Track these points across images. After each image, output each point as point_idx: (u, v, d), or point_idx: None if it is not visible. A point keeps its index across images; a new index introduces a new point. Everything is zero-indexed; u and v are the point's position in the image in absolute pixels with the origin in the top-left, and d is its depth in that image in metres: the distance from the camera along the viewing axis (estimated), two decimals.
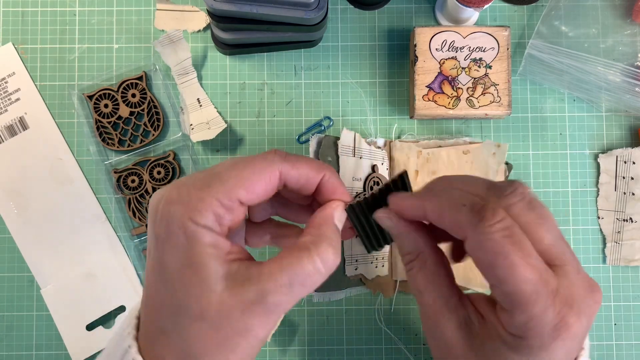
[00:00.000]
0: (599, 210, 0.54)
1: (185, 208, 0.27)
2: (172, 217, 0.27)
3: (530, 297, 0.25)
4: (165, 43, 0.52)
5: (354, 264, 0.51)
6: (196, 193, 0.28)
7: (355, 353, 0.53)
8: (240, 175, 0.29)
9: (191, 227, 0.27)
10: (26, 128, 0.53)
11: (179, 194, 0.28)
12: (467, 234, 0.27)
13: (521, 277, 0.26)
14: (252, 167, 0.29)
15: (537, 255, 0.27)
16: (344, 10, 0.55)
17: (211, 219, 0.27)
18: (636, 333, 0.53)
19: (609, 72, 0.51)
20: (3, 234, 0.53)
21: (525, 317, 0.26)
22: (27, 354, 0.52)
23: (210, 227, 0.27)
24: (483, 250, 0.26)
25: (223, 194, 0.28)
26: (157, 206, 0.28)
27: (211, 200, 0.28)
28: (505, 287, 0.26)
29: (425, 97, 0.51)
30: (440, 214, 0.29)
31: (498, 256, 0.26)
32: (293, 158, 0.30)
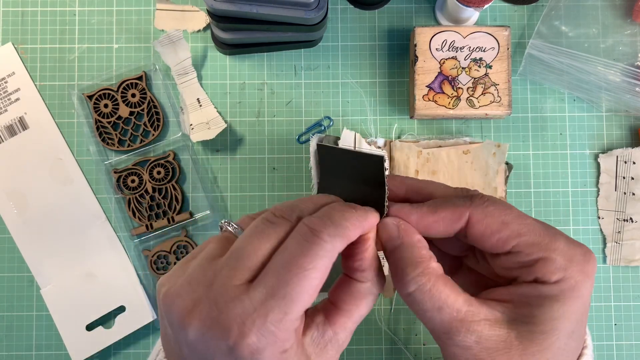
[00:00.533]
0: (599, 210, 0.54)
1: (274, 345, 0.25)
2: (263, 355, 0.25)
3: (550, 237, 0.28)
4: (165, 43, 0.52)
5: None
6: (277, 328, 0.25)
7: (355, 353, 0.52)
8: (311, 288, 0.25)
9: (285, 356, 0.26)
10: (26, 128, 0.53)
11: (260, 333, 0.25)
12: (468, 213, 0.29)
13: (532, 224, 0.28)
14: (318, 271, 0.26)
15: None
16: (344, 10, 0.55)
17: (294, 336, 0.26)
18: (636, 333, 0.53)
19: (609, 72, 0.51)
20: (3, 234, 0.53)
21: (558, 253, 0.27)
22: (27, 354, 0.52)
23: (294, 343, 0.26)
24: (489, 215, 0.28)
25: (299, 311, 0.25)
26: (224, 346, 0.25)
27: (293, 324, 0.25)
28: (526, 237, 0.28)
29: (426, 97, 0.51)
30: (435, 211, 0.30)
31: (506, 213, 0.28)
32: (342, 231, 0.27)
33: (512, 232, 0.28)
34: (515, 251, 0.28)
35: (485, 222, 0.28)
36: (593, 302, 0.53)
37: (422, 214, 0.29)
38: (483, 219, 0.28)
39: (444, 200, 0.30)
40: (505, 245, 0.28)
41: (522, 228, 0.28)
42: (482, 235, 0.28)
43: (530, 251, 0.27)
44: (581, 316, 0.28)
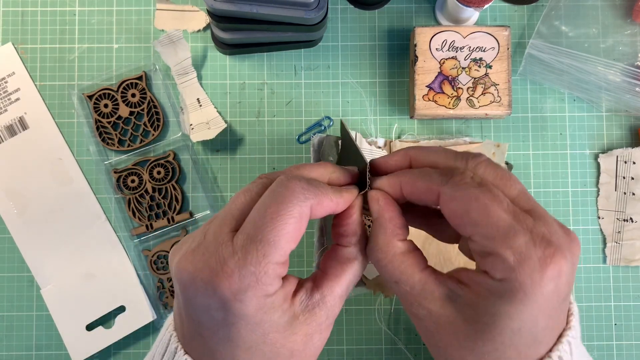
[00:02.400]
0: (599, 210, 0.54)
1: (255, 289, 0.27)
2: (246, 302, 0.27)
3: (509, 232, 0.26)
4: (165, 43, 0.52)
5: None
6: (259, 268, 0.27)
7: (355, 353, 0.52)
8: (288, 231, 0.28)
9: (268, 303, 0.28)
10: (26, 128, 0.53)
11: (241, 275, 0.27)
12: (440, 192, 0.29)
13: (495, 215, 0.27)
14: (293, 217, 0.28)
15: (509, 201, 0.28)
16: (344, 10, 0.55)
17: (277, 281, 0.28)
18: (636, 333, 0.53)
19: (609, 72, 0.51)
20: (3, 234, 0.53)
21: (509, 252, 0.26)
22: (27, 354, 0.52)
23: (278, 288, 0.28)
24: (455, 199, 0.28)
25: (280, 256, 0.28)
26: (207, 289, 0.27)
27: (274, 268, 0.28)
28: (482, 229, 0.27)
29: (426, 97, 0.51)
30: (414, 183, 0.30)
31: (470, 200, 0.27)
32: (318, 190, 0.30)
33: (469, 221, 0.28)
34: (471, 240, 0.28)
35: (449, 205, 0.28)
36: (593, 302, 0.53)
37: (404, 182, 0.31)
38: (448, 202, 0.28)
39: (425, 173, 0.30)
40: (463, 231, 0.28)
41: (481, 219, 0.27)
42: (447, 216, 0.29)
43: (483, 244, 0.27)
44: (532, 317, 0.27)
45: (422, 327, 0.30)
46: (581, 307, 0.53)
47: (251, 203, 0.30)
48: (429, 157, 0.32)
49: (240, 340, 0.28)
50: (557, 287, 0.27)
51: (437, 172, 0.30)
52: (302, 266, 0.53)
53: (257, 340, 0.28)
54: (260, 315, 0.28)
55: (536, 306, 0.26)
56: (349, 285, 0.31)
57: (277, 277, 0.28)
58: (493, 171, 0.30)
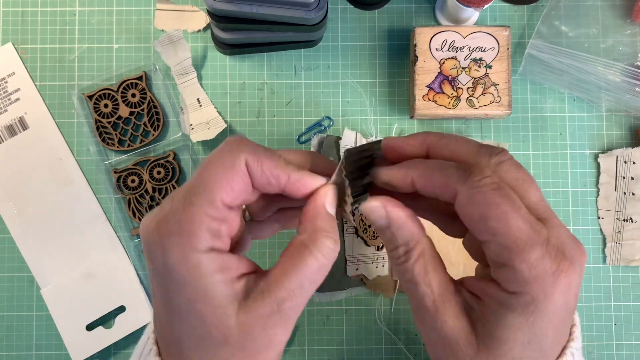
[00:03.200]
0: (599, 210, 0.54)
1: (179, 236, 0.26)
2: (168, 249, 0.26)
3: (526, 244, 0.25)
4: (165, 43, 0.52)
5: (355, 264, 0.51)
6: (184, 215, 0.26)
7: (355, 353, 0.52)
8: (215, 179, 0.27)
9: (192, 258, 0.26)
10: (26, 128, 0.53)
11: (167, 221, 0.26)
12: (456, 191, 0.27)
13: (515, 226, 0.26)
14: (220, 164, 0.28)
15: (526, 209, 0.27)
16: (344, 10, 0.55)
17: (209, 237, 0.26)
18: (636, 333, 0.53)
19: (609, 72, 0.51)
20: (3, 234, 0.53)
21: (525, 266, 0.25)
22: (27, 354, 0.52)
23: (212, 247, 0.27)
24: (474, 203, 0.27)
25: (208, 206, 0.26)
26: (149, 237, 0.27)
27: (201, 217, 0.26)
28: (500, 238, 0.26)
29: (426, 97, 0.51)
30: (429, 177, 0.29)
31: (490, 207, 0.26)
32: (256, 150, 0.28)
33: (487, 229, 0.26)
34: (486, 247, 0.27)
35: (467, 208, 0.27)
36: (593, 302, 0.53)
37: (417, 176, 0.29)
38: (466, 205, 0.27)
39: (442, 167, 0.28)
40: (480, 236, 0.27)
41: (499, 228, 0.26)
42: (462, 217, 0.28)
43: (499, 253, 0.26)
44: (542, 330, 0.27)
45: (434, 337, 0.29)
46: (581, 307, 0.53)
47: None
48: (450, 147, 0.30)
49: (170, 301, 0.27)
50: (567, 301, 0.26)
51: (455, 166, 0.28)
52: None
53: (184, 307, 0.27)
54: (184, 271, 0.26)
55: (547, 319, 0.26)
56: (303, 278, 0.27)
57: (206, 230, 0.26)
58: (515, 172, 0.28)
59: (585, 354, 0.53)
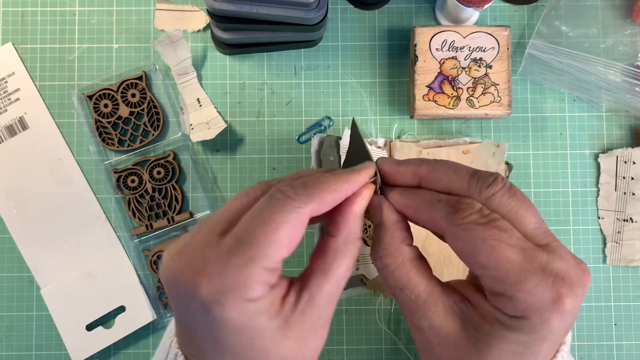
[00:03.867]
0: (599, 210, 0.54)
1: (235, 292, 0.25)
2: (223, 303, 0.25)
3: (519, 276, 0.26)
4: (165, 43, 0.52)
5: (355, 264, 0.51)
6: (240, 271, 0.25)
7: (355, 353, 0.52)
8: (280, 238, 0.26)
9: (249, 307, 0.26)
10: (26, 128, 0.53)
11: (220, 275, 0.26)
12: (444, 228, 0.28)
13: (505, 258, 0.26)
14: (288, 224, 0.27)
15: (520, 235, 0.27)
16: (344, 10, 0.55)
17: (263, 288, 0.26)
18: (636, 333, 0.53)
19: (609, 72, 0.51)
20: (3, 234, 0.53)
21: (521, 295, 0.26)
22: (27, 354, 0.52)
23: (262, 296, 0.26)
24: (461, 240, 0.27)
25: (268, 262, 0.26)
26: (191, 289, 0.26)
27: (259, 273, 0.26)
28: (492, 272, 0.26)
29: (426, 97, 0.51)
30: (417, 211, 0.30)
31: (476, 243, 0.26)
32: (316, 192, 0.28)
33: (477, 263, 0.27)
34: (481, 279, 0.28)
35: (456, 244, 0.28)
36: (593, 302, 0.53)
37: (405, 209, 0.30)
38: (454, 241, 0.28)
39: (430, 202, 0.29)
40: (472, 270, 0.28)
41: (489, 262, 0.26)
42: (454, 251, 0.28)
43: (493, 285, 0.27)
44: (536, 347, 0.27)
45: (422, 339, 0.29)
46: (581, 307, 0.53)
47: (247, 207, 0.28)
48: (441, 180, 0.30)
49: (225, 346, 0.27)
50: (565, 324, 0.27)
51: (443, 202, 0.28)
52: (302, 266, 0.53)
53: (243, 346, 0.27)
54: (243, 320, 0.26)
55: (542, 340, 0.27)
56: (339, 280, 0.28)
57: (263, 284, 0.26)
58: (508, 202, 0.28)
59: (586, 354, 0.53)
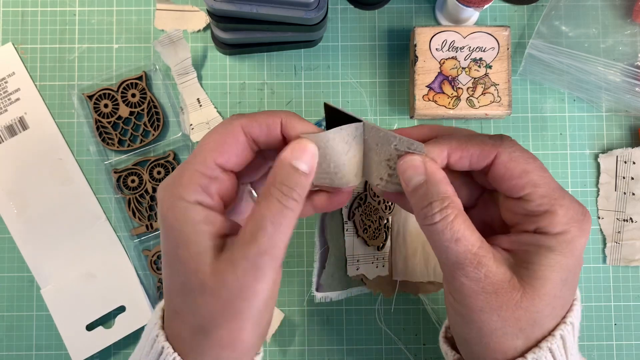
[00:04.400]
0: (599, 210, 0.54)
1: (173, 187, 0.29)
2: (163, 202, 0.29)
3: (559, 191, 0.30)
4: (165, 43, 0.52)
5: (355, 264, 0.51)
6: (179, 171, 0.30)
7: (355, 353, 0.53)
8: (209, 143, 0.30)
9: (180, 206, 0.29)
10: (26, 128, 0.53)
11: (167, 180, 0.30)
12: (493, 156, 0.31)
13: (549, 177, 0.30)
14: (216, 132, 0.31)
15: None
16: (344, 10, 0.55)
17: (198, 191, 0.29)
18: (636, 333, 0.53)
19: (609, 72, 0.51)
20: (3, 234, 0.53)
21: (564, 210, 0.29)
22: (27, 354, 0.52)
23: (199, 201, 0.29)
24: (515, 160, 0.30)
25: (200, 163, 0.30)
26: (157, 194, 0.31)
27: (192, 173, 0.29)
28: (541, 189, 0.30)
29: (426, 97, 0.51)
30: (465, 148, 0.31)
31: (529, 162, 0.30)
32: (251, 114, 0.32)
33: (529, 181, 0.30)
34: (527, 199, 0.30)
35: (509, 165, 0.30)
36: (593, 302, 0.53)
37: (452, 148, 0.31)
38: (507, 162, 0.30)
39: (474, 137, 0.32)
40: (520, 191, 0.30)
41: (539, 180, 0.30)
42: (503, 177, 0.31)
43: (541, 202, 0.30)
44: (574, 268, 0.30)
45: (475, 290, 0.30)
46: None
47: None
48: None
49: (164, 248, 0.30)
50: (586, 242, 0.30)
51: (488, 136, 0.31)
52: (302, 266, 0.53)
53: (171, 252, 0.29)
54: (172, 218, 0.29)
55: (575, 257, 0.30)
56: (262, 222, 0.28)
57: (196, 184, 0.29)
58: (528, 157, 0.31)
59: (585, 354, 0.53)
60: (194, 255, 0.28)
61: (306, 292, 0.53)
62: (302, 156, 0.30)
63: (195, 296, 0.28)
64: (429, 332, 0.53)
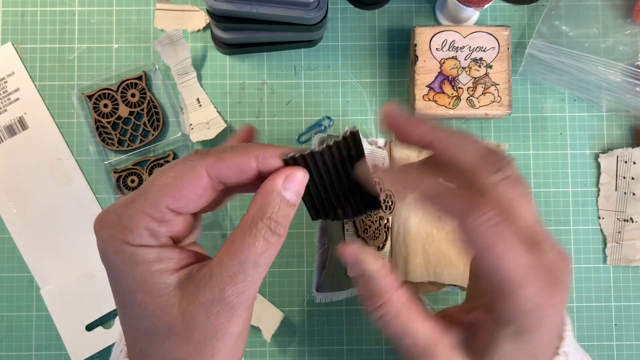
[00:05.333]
0: (599, 210, 0.54)
1: (115, 231, 0.26)
2: (106, 244, 0.26)
3: (523, 281, 0.26)
4: (165, 43, 0.52)
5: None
6: (123, 212, 0.26)
7: (355, 353, 0.52)
8: (162, 184, 0.26)
9: (127, 250, 0.26)
10: (26, 128, 0.53)
11: (107, 217, 0.27)
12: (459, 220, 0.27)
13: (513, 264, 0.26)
14: (173, 172, 0.27)
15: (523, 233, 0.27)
16: (344, 10, 0.55)
17: (145, 235, 0.26)
18: (636, 333, 0.53)
19: (610, 71, 0.51)
20: (3, 234, 0.53)
21: (521, 301, 0.26)
22: (27, 354, 0.52)
23: (146, 244, 0.26)
24: (473, 240, 0.27)
25: (149, 206, 0.26)
26: (96, 236, 0.27)
27: (139, 216, 0.26)
28: (498, 276, 0.26)
29: (426, 97, 0.51)
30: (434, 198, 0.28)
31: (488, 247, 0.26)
32: (216, 151, 0.28)
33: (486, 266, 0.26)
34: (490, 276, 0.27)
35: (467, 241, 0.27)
36: (593, 302, 0.53)
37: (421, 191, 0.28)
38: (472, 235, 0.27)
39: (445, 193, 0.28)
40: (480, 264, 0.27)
41: (497, 267, 0.26)
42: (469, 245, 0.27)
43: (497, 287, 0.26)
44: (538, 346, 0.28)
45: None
46: (581, 307, 0.53)
47: None
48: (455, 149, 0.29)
49: (114, 290, 0.27)
50: (560, 317, 0.28)
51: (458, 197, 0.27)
52: (302, 266, 0.53)
53: (127, 298, 0.26)
54: (120, 262, 0.26)
55: (540, 337, 0.27)
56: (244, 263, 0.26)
57: (143, 228, 0.26)
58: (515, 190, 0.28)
59: None
60: (155, 299, 0.26)
61: (306, 292, 0.53)
62: (291, 185, 0.27)
63: (163, 340, 0.26)
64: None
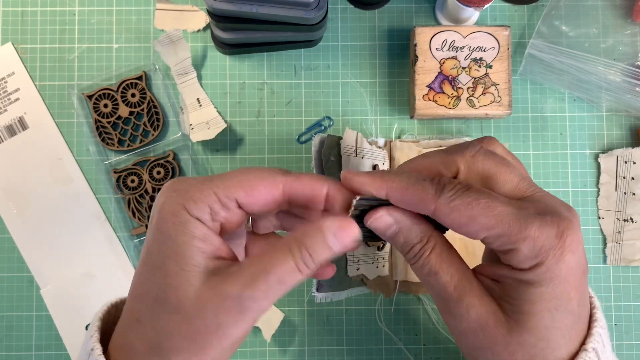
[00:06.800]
0: (599, 210, 0.54)
1: (182, 196, 0.28)
2: (167, 203, 0.28)
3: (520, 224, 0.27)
4: (165, 43, 0.52)
5: (355, 264, 0.51)
6: (196, 184, 0.28)
7: (355, 353, 0.52)
8: (242, 178, 0.29)
9: (183, 216, 0.27)
10: (26, 128, 0.53)
11: (181, 183, 0.29)
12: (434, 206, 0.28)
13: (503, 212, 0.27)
14: (254, 173, 0.29)
15: (504, 196, 0.28)
16: (344, 10, 0.55)
17: (206, 211, 0.28)
18: (636, 333, 0.53)
19: (610, 71, 0.51)
20: (3, 234, 0.53)
21: (528, 243, 0.27)
22: (27, 354, 0.52)
23: (202, 220, 0.28)
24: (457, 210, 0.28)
25: (222, 189, 0.28)
26: (161, 193, 0.29)
27: (209, 193, 0.28)
28: (495, 230, 0.27)
29: (426, 97, 0.51)
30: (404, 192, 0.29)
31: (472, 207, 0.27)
32: (296, 173, 0.30)
33: (480, 226, 0.27)
34: (487, 242, 0.28)
35: (451, 216, 0.28)
36: None
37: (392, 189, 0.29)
38: (449, 214, 0.28)
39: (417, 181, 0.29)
40: (475, 236, 0.28)
41: (489, 221, 0.27)
42: (452, 226, 0.29)
43: (500, 242, 0.28)
44: (563, 293, 0.28)
45: (464, 328, 0.29)
46: None
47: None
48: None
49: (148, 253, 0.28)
50: (578, 258, 0.28)
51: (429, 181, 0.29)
52: None
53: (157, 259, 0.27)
54: (171, 223, 0.27)
55: (565, 281, 0.27)
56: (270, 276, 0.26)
57: (207, 204, 0.28)
58: (489, 162, 0.30)
59: None
60: (181, 272, 0.27)
61: (306, 292, 0.53)
62: (343, 238, 0.28)
63: (166, 313, 0.27)
64: (429, 332, 0.53)
